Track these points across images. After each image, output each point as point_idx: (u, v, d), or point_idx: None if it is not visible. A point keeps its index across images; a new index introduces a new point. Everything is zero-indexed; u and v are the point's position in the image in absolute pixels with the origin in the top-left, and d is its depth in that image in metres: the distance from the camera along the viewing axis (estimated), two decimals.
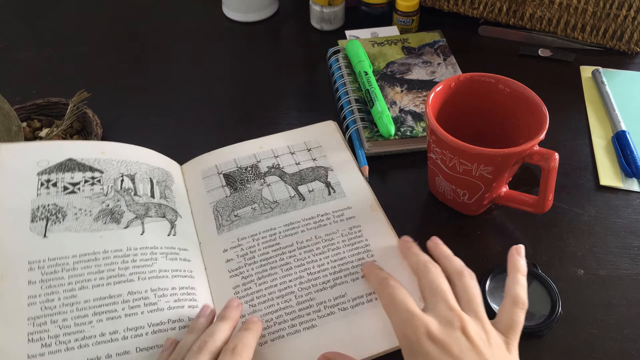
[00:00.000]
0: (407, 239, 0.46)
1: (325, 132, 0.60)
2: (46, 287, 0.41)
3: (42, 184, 0.47)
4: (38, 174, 0.48)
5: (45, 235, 0.44)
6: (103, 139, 0.60)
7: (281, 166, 0.55)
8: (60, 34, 0.78)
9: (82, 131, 0.62)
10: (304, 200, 0.53)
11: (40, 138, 0.59)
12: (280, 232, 0.50)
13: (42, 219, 0.45)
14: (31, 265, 0.42)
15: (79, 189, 0.48)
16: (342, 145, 0.59)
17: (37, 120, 0.62)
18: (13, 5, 0.84)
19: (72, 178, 0.48)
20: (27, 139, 0.59)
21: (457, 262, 0.42)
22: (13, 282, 0.41)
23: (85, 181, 0.48)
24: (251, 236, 0.50)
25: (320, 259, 0.48)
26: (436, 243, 0.45)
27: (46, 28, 0.79)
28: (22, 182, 0.47)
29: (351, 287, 0.46)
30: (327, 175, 0.55)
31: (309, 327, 0.44)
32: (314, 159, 0.57)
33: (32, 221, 0.45)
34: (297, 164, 0.56)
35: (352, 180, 0.55)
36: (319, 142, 0.59)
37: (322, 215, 0.51)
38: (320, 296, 0.46)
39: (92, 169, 0.49)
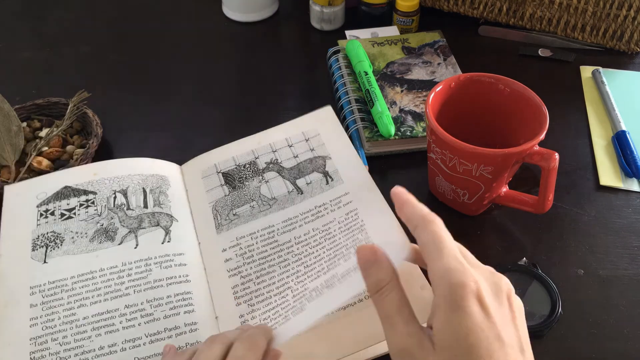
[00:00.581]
0: (400, 189, 0.36)
1: (323, 119, 0.59)
2: (47, 309, 0.44)
3: (41, 215, 0.50)
4: (37, 206, 0.51)
5: (45, 261, 0.47)
6: (103, 138, 0.60)
7: (279, 161, 0.55)
8: (60, 34, 0.78)
9: (82, 131, 0.62)
10: (302, 194, 0.53)
11: (40, 138, 0.59)
12: (278, 229, 0.50)
13: (42, 247, 0.48)
14: (32, 289, 0.45)
15: (74, 213, 0.50)
16: (338, 129, 0.58)
17: (37, 120, 0.62)
18: (13, 5, 0.84)
19: (67, 204, 0.51)
20: (27, 139, 0.59)
21: (424, 208, 0.34)
22: (16, 308, 0.44)
23: (80, 205, 0.51)
24: (250, 235, 0.50)
25: (316, 250, 0.48)
26: (399, 192, 0.35)
27: (46, 28, 0.79)
28: (24, 216, 0.50)
29: (341, 267, 0.46)
30: (324, 165, 0.55)
31: (298, 311, 0.44)
32: (312, 149, 0.57)
33: (33, 250, 0.47)
34: (295, 157, 0.56)
35: (349, 163, 0.55)
36: (317, 130, 0.58)
37: (320, 207, 0.51)
38: (314, 284, 0.46)
39: (85, 192, 0.52)
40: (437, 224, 0.33)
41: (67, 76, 0.71)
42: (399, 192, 0.35)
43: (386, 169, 0.58)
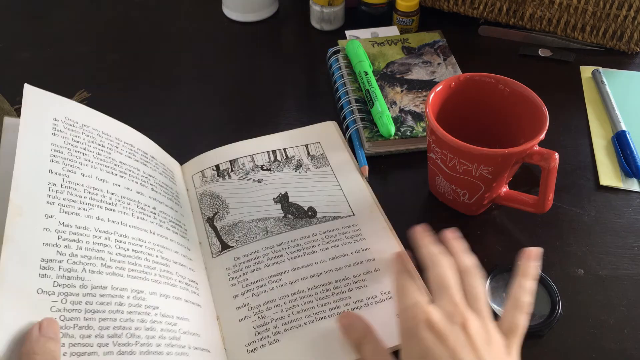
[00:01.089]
0: (421, 229, 0.44)
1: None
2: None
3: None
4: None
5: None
6: None
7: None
8: (60, 34, 0.78)
9: None
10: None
11: None
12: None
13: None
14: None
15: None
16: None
17: None
18: (13, 5, 0.84)
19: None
20: None
21: (466, 260, 0.42)
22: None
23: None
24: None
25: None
26: (449, 238, 0.44)
27: (46, 28, 0.79)
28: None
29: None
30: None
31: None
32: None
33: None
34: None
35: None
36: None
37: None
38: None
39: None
40: (407, 277, 0.41)
41: (67, 76, 0.71)
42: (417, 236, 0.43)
43: (386, 169, 0.58)
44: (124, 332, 0.36)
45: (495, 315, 0.45)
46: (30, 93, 0.46)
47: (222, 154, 0.57)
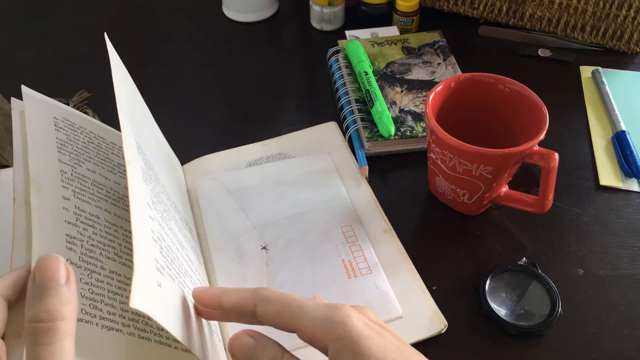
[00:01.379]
0: (199, 290, 0.36)
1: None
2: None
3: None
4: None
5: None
6: None
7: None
8: (60, 34, 0.78)
9: None
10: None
11: None
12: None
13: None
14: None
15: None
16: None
17: None
18: (13, 5, 0.84)
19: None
20: None
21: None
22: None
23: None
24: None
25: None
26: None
27: (46, 28, 0.79)
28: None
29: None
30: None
31: None
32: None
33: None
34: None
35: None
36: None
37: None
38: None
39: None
40: (268, 289, 0.33)
41: (67, 76, 0.71)
42: (202, 290, 0.36)
43: (386, 169, 0.58)
44: (140, 318, 0.36)
45: (497, 316, 0.45)
46: (28, 94, 0.46)
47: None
